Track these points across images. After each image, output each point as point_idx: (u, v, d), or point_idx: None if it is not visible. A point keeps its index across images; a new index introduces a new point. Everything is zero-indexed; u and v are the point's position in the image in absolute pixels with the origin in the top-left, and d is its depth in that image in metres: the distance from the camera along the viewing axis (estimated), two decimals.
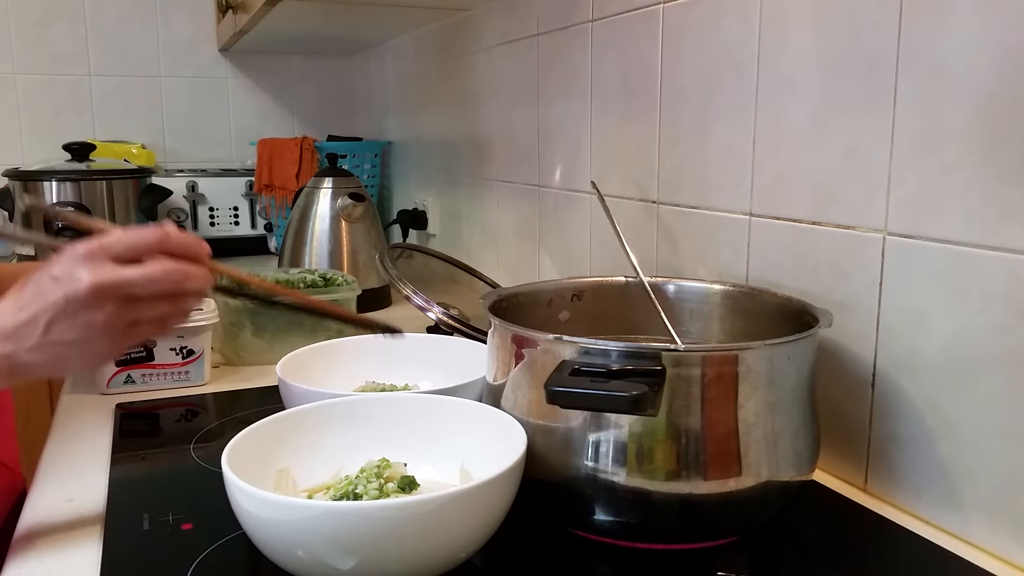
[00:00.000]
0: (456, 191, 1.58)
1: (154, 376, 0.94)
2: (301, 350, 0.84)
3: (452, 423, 0.65)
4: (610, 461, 0.56)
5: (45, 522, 0.64)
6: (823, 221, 0.71)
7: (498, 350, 0.64)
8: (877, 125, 0.65)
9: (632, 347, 0.55)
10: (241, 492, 0.51)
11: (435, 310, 0.99)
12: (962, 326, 0.60)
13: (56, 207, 0.53)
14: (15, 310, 0.52)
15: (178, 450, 0.78)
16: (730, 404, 0.56)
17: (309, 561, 0.50)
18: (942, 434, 0.62)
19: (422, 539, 0.50)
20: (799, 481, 0.60)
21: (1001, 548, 0.59)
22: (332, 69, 2.29)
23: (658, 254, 0.94)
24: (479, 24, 1.39)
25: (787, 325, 0.65)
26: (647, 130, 0.95)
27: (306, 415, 0.65)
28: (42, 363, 0.52)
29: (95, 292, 0.50)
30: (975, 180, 0.58)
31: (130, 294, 0.52)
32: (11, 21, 2.00)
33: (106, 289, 0.51)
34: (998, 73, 0.56)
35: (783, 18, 0.74)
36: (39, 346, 0.51)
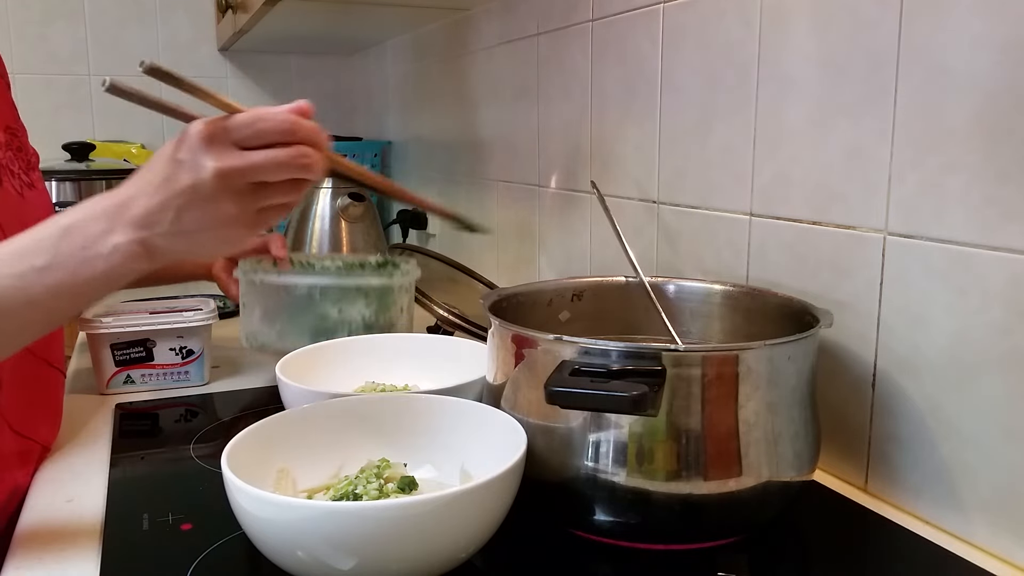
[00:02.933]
0: (456, 191, 1.58)
1: (154, 376, 0.94)
2: (301, 350, 0.84)
3: (452, 423, 0.65)
4: (610, 461, 0.56)
5: (45, 522, 0.64)
6: (823, 221, 0.71)
7: (498, 350, 0.64)
8: (877, 125, 0.65)
9: (632, 347, 0.55)
10: (241, 492, 0.51)
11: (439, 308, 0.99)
12: (962, 326, 0.60)
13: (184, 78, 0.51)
14: (147, 193, 0.52)
15: (178, 450, 0.78)
16: (730, 404, 0.56)
17: (309, 562, 0.49)
18: (942, 434, 0.62)
19: (422, 539, 0.50)
20: (799, 481, 0.60)
21: (1001, 548, 0.59)
22: (332, 69, 2.29)
23: (658, 254, 0.94)
24: (479, 24, 1.39)
25: (787, 325, 0.65)
26: (647, 130, 0.95)
27: (306, 415, 0.65)
28: (178, 248, 0.53)
29: (222, 179, 0.50)
30: (976, 180, 0.58)
31: (256, 177, 0.51)
32: (10, 21, 2.00)
33: (233, 176, 0.50)
34: (999, 73, 0.56)
35: (783, 18, 0.74)
36: (172, 232, 0.51)
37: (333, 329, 0.90)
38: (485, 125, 1.41)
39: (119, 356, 0.93)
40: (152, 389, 0.94)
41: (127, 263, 0.52)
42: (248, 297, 0.93)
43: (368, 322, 0.92)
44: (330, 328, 0.90)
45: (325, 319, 0.90)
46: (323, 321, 0.90)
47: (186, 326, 0.93)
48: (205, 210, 0.51)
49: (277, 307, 0.91)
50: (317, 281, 0.90)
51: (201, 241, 0.53)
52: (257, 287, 0.91)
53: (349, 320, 0.91)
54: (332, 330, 0.90)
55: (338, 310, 0.90)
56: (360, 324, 0.91)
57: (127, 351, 0.93)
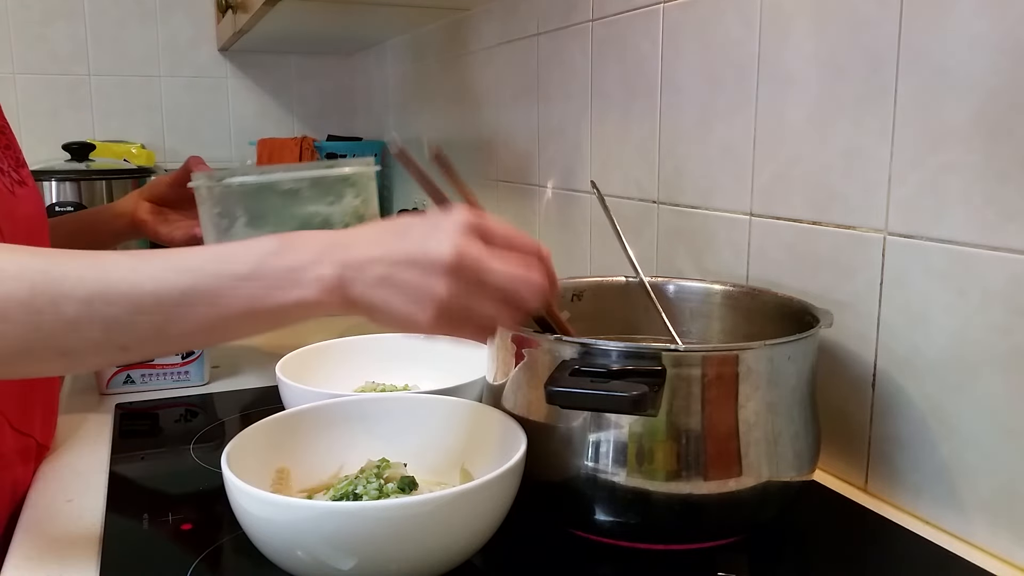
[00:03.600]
0: None
1: (154, 376, 0.94)
2: (301, 350, 0.84)
3: (452, 423, 0.65)
4: (610, 461, 0.56)
5: (45, 522, 0.64)
6: (824, 221, 0.71)
7: (498, 350, 0.64)
8: (878, 125, 0.65)
9: (632, 347, 0.55)
10: (241, 492, 0.50)
11: None
12: (963, 326, 0.60)
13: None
14: (371, 242, 0.49)
15: (178, 450, 0.78)
16: (730, 404, 0.55)
17: (309, 562, 0.49)
18: (943, 434, 0.62)
19: (422, 540, 0.50)
20: (799, 481, 0.60)
21: (1002, 548, 0.59)
22: (332, 69, 2.29)
23: (658, 254, 0.94)
24: (479, 24, 1.39)
25: (788, 325, 0.65)
26: (647, 130, 0.95)
27: (306, 415, 0.65)
28: (374, 302, 0.49)
29: (455, 257, 0.47)
30: (976, 180, 0.58)
31: (483, 280, 0.48)
32: (11, 21, 2.00)
33: (466, 261, 0.47)
34: (999, 72, 0.56)
35: (783, 17, 0.74)
36: (377, 285, 0.48)
37: (327, 224, 0.84)
38: (485, 125, 1.41)
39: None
40: (152, 389, 0.94)
41: (321, 297, 0.49)
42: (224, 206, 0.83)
43: (359, 212, 0.86)
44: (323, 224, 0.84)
45: (318, 215, 0.84)
46: (315, 217, 0.84)
47: None
48: (419, 278, 0.48)
49: (263, 209, 0.83)
50: (305, 174, 0.83)
51: (395, 306, 0.49)
52: (235, 192, 0.82)
53: (343, 212, 0.85)
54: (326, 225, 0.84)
55: (329, 203, 0.84)
56: (353, 215, 0.86)
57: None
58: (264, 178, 0.81)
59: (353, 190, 0.86)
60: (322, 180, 0.83)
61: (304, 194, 0.83)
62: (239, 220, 0.84)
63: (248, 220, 0.84)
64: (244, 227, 0.84)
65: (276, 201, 0.83)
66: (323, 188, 0.84)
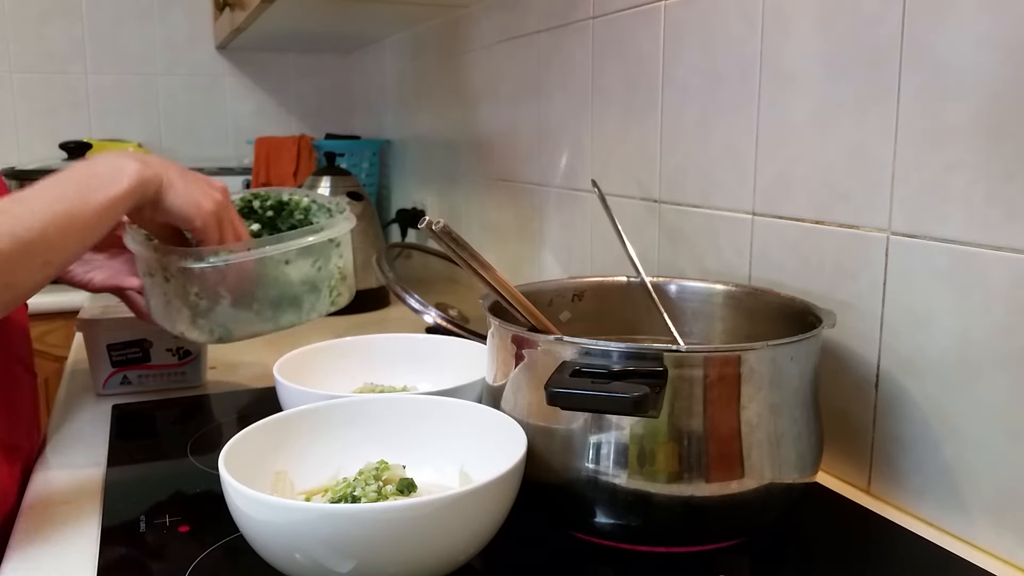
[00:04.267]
0: (455, 190, 1.57)
1: (150, 377, 0.94)
2: (299, 351, 0.83)
3: (451, 425, 0.65)
4: (611, 463, 0.55)
5: (41, 524, 0.63)
6: (826, 220, 0.71)
7: (498, 351, 0.63)
8: (880, 123, 0.65)
9: (633, 348, 0.54)
10: (238, 494, 0.50)
11: (431, 313, 0.98)
12: (966, 326, 0.60)
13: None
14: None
15: (175, 452, 0.78)
16: (732, 405, 0.55)
17: (307, 564, 0.49)
18: (946, 435, 0.62)
19: (421, 542, 0.49)
20: (802, 483, 0.59)
21: (1005, 550, 0.58)
22: (330, 67, 2.29)
23: (660, 253, 0.94)
24: (478, 21, 1.38)
25: (790, 325, 0.65)
26: (648, 128, 0.94)
27: (304, 417, 0.64)
28: (168, 185, 0.68)
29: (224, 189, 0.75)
30: (979, 179, 0.58)
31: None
32: (7, 19, 1.99)
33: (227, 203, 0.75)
34: (1002, 71, 0.56)
35: (785, 15, 0.73)
36: (177, 175, 0.70)
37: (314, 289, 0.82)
38: (485, 123, 1.40)
39: (116, 357, 0.92)
40: (149, 390, 0.94)
41: (137, 187, 0.65)
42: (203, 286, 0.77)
43: (343, 273, 0.84)
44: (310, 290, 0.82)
45: (306, 281, 0.81)
46: (304, 285, 0.81)
47: None
48: (206, 184, 0.72)
49: (250, 287, 0.79)
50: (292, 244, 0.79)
51: (188, 193, 0.69)
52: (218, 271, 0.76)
53: (329, 275, 0.83)
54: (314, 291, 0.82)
55: (316, 268, 0.82)
56: (338, 277, 0.84)
57: (124, 352, 0.92)
58: (253, 253, 0.76)
59: (338, 251, 0.84)
60: (309, 247, 0.80)
61: (293, 262, 0.80)
62: (223, 300, 0.78)
63: (233, 300, 0.78)
64: (229, 308, 0.79)
65: (264, 277, 0.79)
66: (310, 253, 0.81)
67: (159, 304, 0.80)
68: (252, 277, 0.78)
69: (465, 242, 0.57)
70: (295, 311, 0.82)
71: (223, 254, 0.74)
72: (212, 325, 0.79)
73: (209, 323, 0.79)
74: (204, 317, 0.78)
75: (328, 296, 0.84)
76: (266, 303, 0.80)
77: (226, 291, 0.78)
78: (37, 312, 0.87)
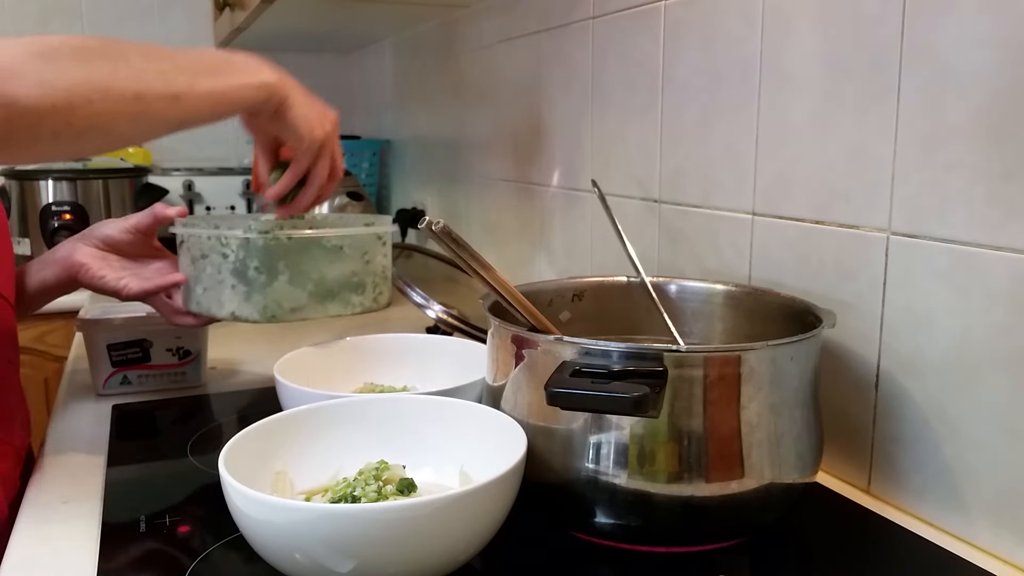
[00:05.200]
0: (455, 190, 1.57)
1: (150, 377, 0.94)
2: (299, 351, 0.83)
3: (451, 425, 0.64)
4: (611, 463, 0.55)
5: (41, 524, 0.63)
6: (826, 220, 0.71)
7: (498, 351, 0.63)
8: (880, 123, 0.65)
9: (633, 348, 0.54)
10: (238, 494, 0.50)
11: (435, 308, 0.98)
12: (966, 326, 0.60)
13: None
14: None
15: (175, 452, 0.78)
16: (732, 405, 0.55)
17: (307, 564, 0.49)
18: (946, 435, 0.62)
19: (421, 542, 0.49)
20: (802, 483, 0.59)
21: (1005, 550, 0.58)
22: (330, 67, 2.29)
23: (660, 253, 0.94)
24: (478, 21, 1.38)
25: (790, 325, 0.65)
26: (649, 128, 0.94)
27: (304, 417, 0.64)
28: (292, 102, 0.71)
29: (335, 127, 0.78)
30: (979, 179, 0.58)
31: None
32: (8, 18, 1.99)
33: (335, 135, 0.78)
34: (1002, 71, 0.56)
35: (785, 16, 0.73)
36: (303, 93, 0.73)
37: (360, 283, 0.84)
38: (485, 123, 1.40)
39: (116, 357, 0.92)
40: (149, 390, 0.94)
41: (266, 88, 0.68)
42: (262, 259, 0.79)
43: (385, 272, 0.87)
44: (358, 283, 0.84)
45: (356, 273, 0.84)
46: (353, 276, 0.84)
47: None
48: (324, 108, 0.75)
49: (308, 265, 0.81)
50: (347, 231, 0.83)
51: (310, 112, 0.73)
52: (281, 246, 0.79)
53: (374, 271, 0.86)
54: (360, 285, 0.84)
55: (366, 261, 0.85)
56: (382, 274, 0.86)
57: (124, 352, 0.92)
58: (315, 232, 0.81)
59: (383, 248, 0.86)
60: (361, 238, 0.84)
61: (345, 251, 0.83)
62: (281, 276, 0.80)
63: (291, 277, 0.80)
64: (286, 284, 0.80)
65: (321, 258, 0.82)
66: (360, 246, 0.84)
67: (209, 287, 0.82)
68: (311, 257, 0.81)
69: (465, 242, 0.57)
70: (343, 301, 0.83)
71: (287, 227, 0.79)
72: (267, 301, 0.80)
73: (264, 299, 0.80)
74: (260, 292, 0.80)
75: (372, 292, 0.86)
76: (321, 286, 0.82)
77: (285, 267, 0.80)
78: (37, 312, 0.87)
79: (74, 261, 0.83)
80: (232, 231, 0.79)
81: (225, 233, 0.79)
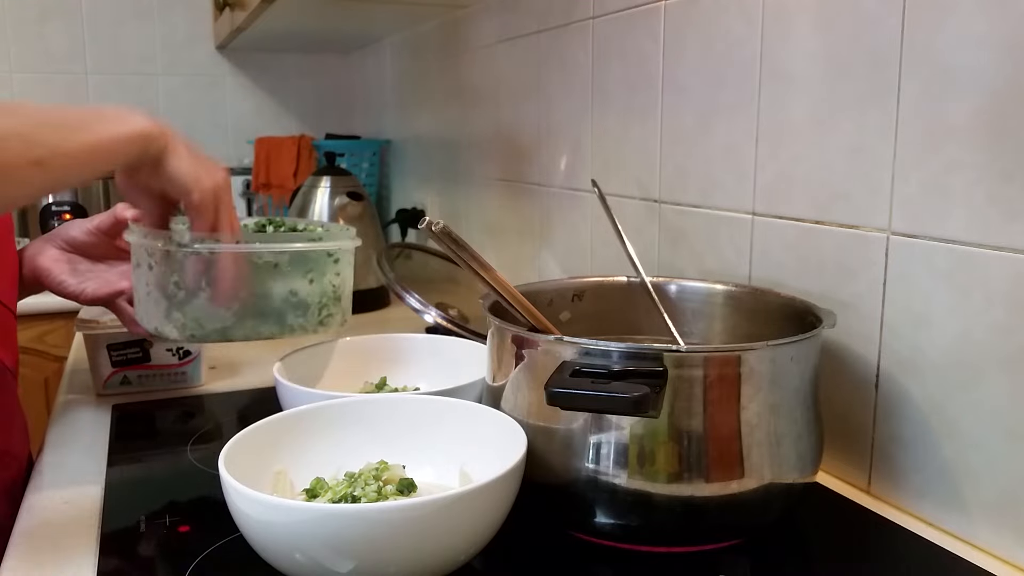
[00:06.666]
0: (455, 190, 1.57)
1: (150, 377, 0.94)
2: (299, 351, 0.83)
3: (451, 425, 0.64)
4: (611, 463, 0.55)
5: (41, 524, 0.63)
6: (826, 220, 0.71)
7: (498, 351, 0.63)
8: (881, 123, 0.65)
9: (633, 348, 0.54)
10: (238, 494, 0.50)
11: (432, 312, 0.98)
12: (966, 327, 0.59)
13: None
14: None
15: (175, 452, 0.78)
16: (733, 405, 0.55)
17: (307, 564, 0.49)
18: (946, 435, 0.62)
19: (421, 542, 0.49)
20: (802, 483, 0.59)
21: (1005, 550, 0.58)
22: (330, 67, 2.29)
23: (660, 253, 0.94)
24: (479, 21, 1.38)
25: (790, 325, 0.65)
26: (649, 128, 0.94)
27: (304, 417, 0.64)
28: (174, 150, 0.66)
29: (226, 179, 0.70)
30: (979, 179, 0.58)
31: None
32: (7, 19, 1.99)
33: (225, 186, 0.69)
34: (1002, 71, 0.56)
35: (785, 15, 0.73)
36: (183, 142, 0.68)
37: (301, 304, 0.76)
38: (485, 123, 1.40)
39: (116, 357, 0.92)
40: (149, 390, 0.94)
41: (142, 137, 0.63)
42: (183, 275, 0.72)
43: (337, 293, 0.78)
44: (298, 303, 0.75)
45: (295, 293, 0.75)
46: (291, 297, 0.75)
47: None
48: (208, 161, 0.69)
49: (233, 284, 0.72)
50: (286, 247, 0.74)
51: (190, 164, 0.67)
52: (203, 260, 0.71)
53: (321, 291, 0.77)
54: (301, 305, 0.75)
55: (309, 280, 0.76)
56: (331, 296, 0.78)
57: (124, 352, 0.92)
58: (243, 247, 0.71)
59: (335, 267, 0.78)
60: (301, 255, 0.75)
61: (283, 268, 0.74)
62: (202, 294, 0.71)
63: (213, 295, 0.72)
64: (207, 303, 0.72)
65: (250, 276, 0.73)
66: (302, 263, 0.75)
67: (141, 298, 0.75)
68: (238, 274, 0.72)
69: (465, 243, 0.57)
70: (277, 322, 0.75)
71: (210, 242, 0.69)
72: (186, 319, 0.73)
73: (183, 316, 0.72)
74: (179, 310, 0.72)
75: (316, 315, 0.77)
76: (248, 306, 0.74)
77: (207, 283, 0.72)
78: (37, 312, 0.87)
79: (37, 265, 0.82)
80: (155, 241, 0.71)
81: (149, 244, 0.72)
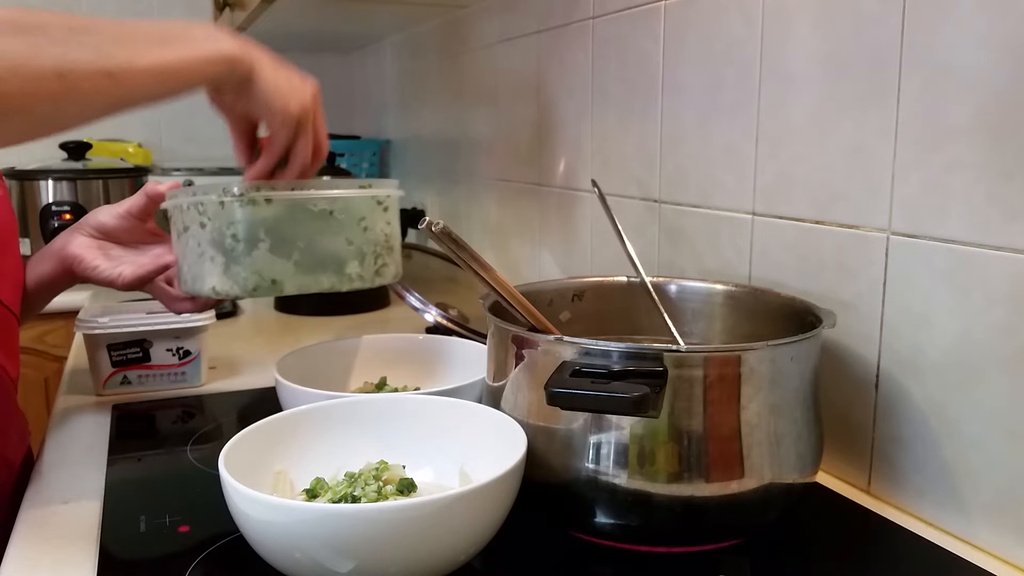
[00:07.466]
0: (455, 190, 1.57)
1: (150, 377, 0.94)
2: (299, 350, 0.83)
3: (451, 425, 0.64)
4: (611, 463, 0.55)
5: (41, 524, 0.63)
6: (826, 220, 0.71)
7: (498, 351, 0.63)
8: (880, 123, 0.65)
9: (633, 348, 0.54)
10: (238, 494, 0.50)
11: (432, 311, 0.98)
12: (966, 327, 0.59)
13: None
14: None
15: (175, 451, 0.78)
16: (732, 405, 0.55)
17: (307, 564, 0.49)
18: (946, 435, 0.62)
19: (421, 542, 0.49)
20: (802, 483, 0.59)
21: (1004, 550, 0.58)
22: (330, 67, 2.29)
23: (660, 253, 0.94)
24: (479, 21, 1.38)
25: (790, 325, 0.65)
26: (648, 128, 0.94)
27: (304, 417, 0.64)
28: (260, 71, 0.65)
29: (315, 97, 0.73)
30: (979, 179, 0.58)
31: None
32: None
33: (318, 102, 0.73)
34: (1002, 71, 0.56)
35: (785, 15, 0.73)
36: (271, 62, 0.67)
37: (358, 253, 0.73)
38: (485, 123, 1.40)
39: (116, 357, 0.92)
40: (149, 390, 0.94)
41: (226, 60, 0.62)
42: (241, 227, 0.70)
43: (390, 242, 0.76)
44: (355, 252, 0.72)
45: (351, 241, 0.72)
46: (347, 245, 0.72)
47: (183, 327, 0.93)
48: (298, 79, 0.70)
49: (292, 232, 0.70)
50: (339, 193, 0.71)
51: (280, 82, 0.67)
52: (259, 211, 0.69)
53: (375, 240, 0.73)
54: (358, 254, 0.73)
55: (363, 228, 0.72)
56: (385, 244, 0.75)
57: (124, 352, 0.92)
58: (298, 194, 0.69)
59: (385, 215, 0.75)
60: (355, 201, 0.72)
61: (337, 217, 0.71)
62: (261, 245, 0.69)
63: (272, 245, 0.69)
64: (267, 253, 0.70)
65: (307, 223, 0.70)
66: (355, 211, 0.72)
67: (192, 262, 0.72)
68: (295, 222, 0.70)
69: (464, 243, 0.57)
70: (336, 272, 0.72)
71: (266, 189, 0.68)
72: (247, 272, 0.70)
73: (244, 270, 0.70)
74: (239, 263, 0.70)
75: (373, 264, 0.74)
76: (307, 255, 0.71)
77: (265, 234, 0.69)
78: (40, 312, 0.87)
79: (68, 254, 0.78)
80: (208, 196, 0.70)
81: (201, 199, 0.70)
